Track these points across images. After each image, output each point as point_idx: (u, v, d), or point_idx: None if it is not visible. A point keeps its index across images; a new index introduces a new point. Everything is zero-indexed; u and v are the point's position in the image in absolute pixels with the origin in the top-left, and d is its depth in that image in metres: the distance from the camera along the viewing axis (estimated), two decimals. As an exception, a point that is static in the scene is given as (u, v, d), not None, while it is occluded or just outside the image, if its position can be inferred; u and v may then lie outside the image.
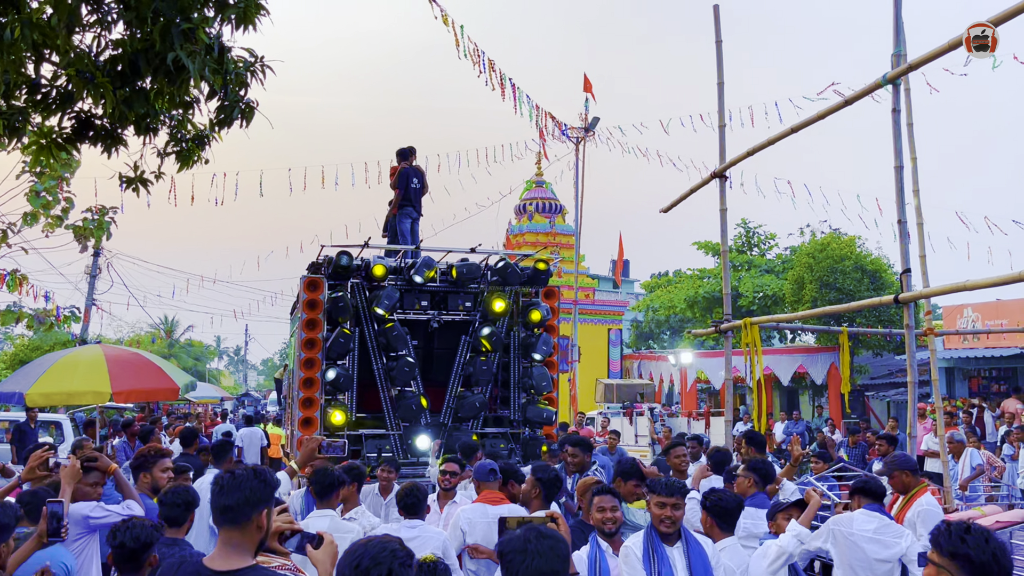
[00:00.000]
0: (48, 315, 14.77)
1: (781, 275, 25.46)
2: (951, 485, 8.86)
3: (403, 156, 11.18)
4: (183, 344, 49.88)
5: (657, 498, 3.97)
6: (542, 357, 9.74)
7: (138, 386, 9.05)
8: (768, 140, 7.75)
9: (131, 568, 3.45)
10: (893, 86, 6.25)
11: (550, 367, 9.89)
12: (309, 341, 9.11)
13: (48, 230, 12.05)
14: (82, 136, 6.50)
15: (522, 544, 2.47)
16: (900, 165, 6.22)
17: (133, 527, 3.49)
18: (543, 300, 10.10)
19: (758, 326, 8.04)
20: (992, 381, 19.70)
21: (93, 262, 25.71)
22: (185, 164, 6.85)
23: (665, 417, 19.06)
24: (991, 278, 5.18)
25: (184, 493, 4.36)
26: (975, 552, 2.31)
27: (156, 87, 5.81)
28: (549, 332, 9.95)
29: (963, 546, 2.33)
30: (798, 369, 21.87)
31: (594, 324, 25.95)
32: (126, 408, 21.11)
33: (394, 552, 2.25)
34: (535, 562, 2.42)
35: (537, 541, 2.48)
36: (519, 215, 27.59)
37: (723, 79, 8.81)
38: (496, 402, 10.33)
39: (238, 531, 2.52)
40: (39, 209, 11.72)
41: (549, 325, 9.98)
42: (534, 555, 2.43)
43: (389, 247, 10.53)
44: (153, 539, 3.50)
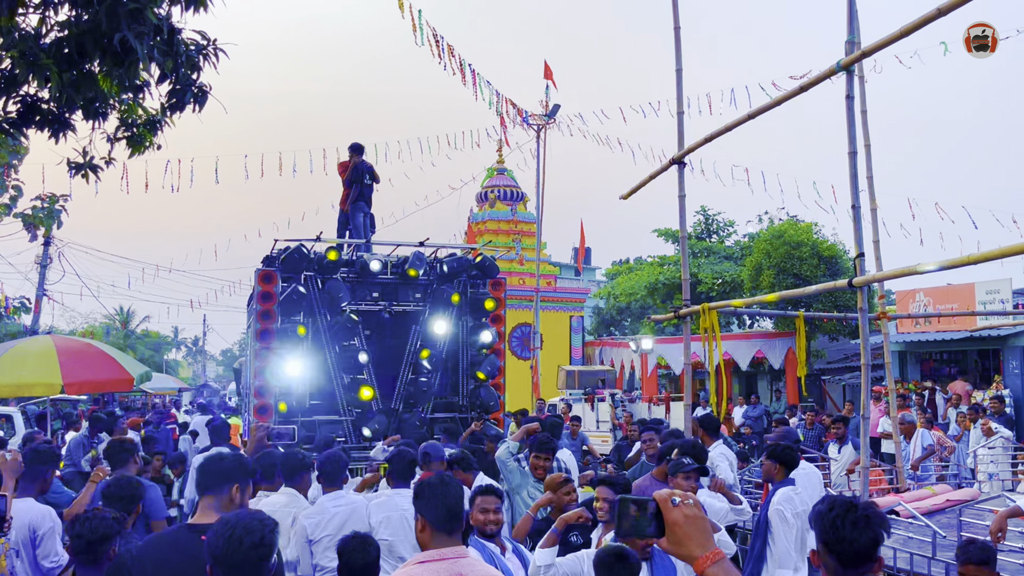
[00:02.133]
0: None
1: (739, 262, 25.77)
2: (903, 465, 9.09)
3: (356, 151, 11.47)
4: (139, 335, 48.99)
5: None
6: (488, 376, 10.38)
7: (90, 377, 8.85)
8: (726, 126, 7.81)
9: (89, 560, 3.39)
10: (847, 72, 6.33)
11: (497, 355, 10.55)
12: (264, 332, 9.46)
13: (-5, 218, 11.74)
14: (28, 121, 6.32)
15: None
16: (854, 151, 6.31)
17: (92, 519, 3.44)
18: (491, 291, 10.70)
19: (716, 311, 8.12)
20: (943, 364, 20.18)
21: (44, 251, 25.09)
22: (136, 150, 6.71)
23: (626, 403, 19.17)
24: (940, 261, 5.29)
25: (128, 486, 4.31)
26: (818, 521, 2.34)
27: (104, 70, 5.66)
28: (496, 322, 10.61)
29: (818, 519, 2.35)
30: (756, 354, 22.17)
31: (556, 311, 26.02)
32: (80, 400, 20.70)
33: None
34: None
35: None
36: (481, 203, 27.50)
37: (681, 65, 8.85)
38: (446, 389, 10.80)
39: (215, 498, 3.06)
40: (-16, 198, 11.41)
41: (496, 315, 10.62)
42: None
43: (340, 240, 10.85)
44: (113, 531, 3.44)
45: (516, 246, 25.87)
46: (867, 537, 2.26)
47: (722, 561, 1.72)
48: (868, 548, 2.27)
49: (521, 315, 24.48)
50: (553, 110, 21.44)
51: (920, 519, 6.42)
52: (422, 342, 10.33)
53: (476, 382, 10.53)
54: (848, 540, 2.25)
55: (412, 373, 10.25)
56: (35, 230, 13.34)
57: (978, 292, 16.83)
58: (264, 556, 2.42)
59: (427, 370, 10.19)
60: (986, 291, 16.68)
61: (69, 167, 6.91)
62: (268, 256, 9.99)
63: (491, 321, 10.62)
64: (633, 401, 20.34)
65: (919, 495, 8.04)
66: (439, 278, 10.38)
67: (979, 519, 6.41)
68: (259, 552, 2.40)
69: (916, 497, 7.87)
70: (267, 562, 2.44)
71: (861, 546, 2.25)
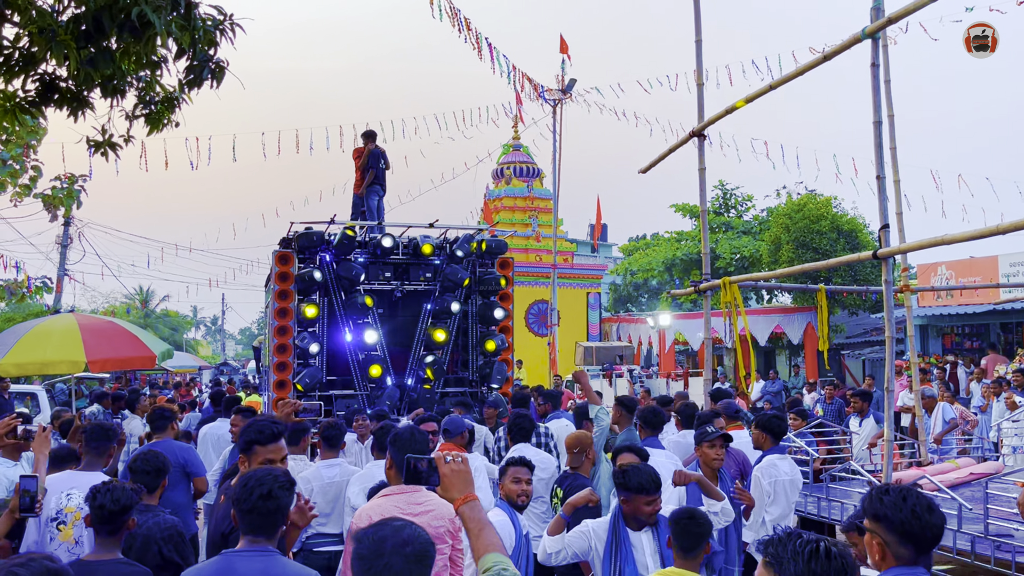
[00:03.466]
0: (20, 286, 14.52)
1: (758, 236, 25.56)
2: (925, 439, 9.03)
3: (370, 138, 11.96)
4: (159, 314, 49.41)
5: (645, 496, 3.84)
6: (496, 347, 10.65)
7: (113, 355, 8.93)
8: (746, 98, 7.70)
9: (109, 531, 3.42)
10: (872, 40, 6.20)
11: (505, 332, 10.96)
12: (281, 310, 9.81)
13: (16, 199, 11.79)
14: (47, 99, 6.31)
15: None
16: (879, 120, 6.19)
17: (113, 489, 3.47)
18: (499, 270, 11.02)
19: (737, 285, 8.05)
20: (965, 338, 20.00)
21: (64, 231, 25.29)
22: (155, 127, 6.70)
23: (644, 379, 19.16)
24: (968, 232, 5.19)
25: (154, 459, 4.34)
26: (892, 511, 2.37)
27: (122, 46, 5.64)
28: (504, 300, 10.99)
29: (881, 507, 2.40)
30: (775, 329, 22.06)
31: (573, 288, 25.96)
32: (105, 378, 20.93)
33: (276, 476, 2.80)
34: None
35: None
36: (497, 179, 27.39)
37: (701, 37, 8.71)
38: (456, 365, 11.21)
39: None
40: (6, 177, 11.45)
41: (504, 293, 10.99)
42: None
43: (353, 223, 11.07)
44: (132, 502, 3.47)
45: (532, 223, 25.78)
46: (940, 519, 2.39)
47: (473, 503, 2.36)
48: (941, 531, 2.38)
49: (538, 292, 24.46)
50: (569, 85, 21.24)
51: (945, 491, 6.38)
52: (433, 320, 10.63)
53: (485, 357, 10.84)
54: (930, 526, 2.35)
55: (424, 349, 10.60)
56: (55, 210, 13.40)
57: (1001, 264, 16.64)
58: (273, 508, 2.75)
59: (438, 346, 10.49)
60: (1010, 263, 16.49)
61: (89, 145, 6.92)
62: (285, 238, 10.33)
63: (499, 299, 10.95)
64: (651, 377, 20.33)
65: (943, 468, 7.99)
66: (449, 257, 10.69)
67: (1005, 491, 6.36)
68: (267, 504, 2.73)
69: (940, 471, 7.82)
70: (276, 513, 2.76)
71: (938, 529, 2.37)
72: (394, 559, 2.02)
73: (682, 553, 3.50)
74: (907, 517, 2.35)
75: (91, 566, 3.33)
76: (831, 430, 9.58)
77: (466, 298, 10.96)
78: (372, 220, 11.25)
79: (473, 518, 2.32)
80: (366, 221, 11.15)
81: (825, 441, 9.23)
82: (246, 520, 2.75)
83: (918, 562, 2.38)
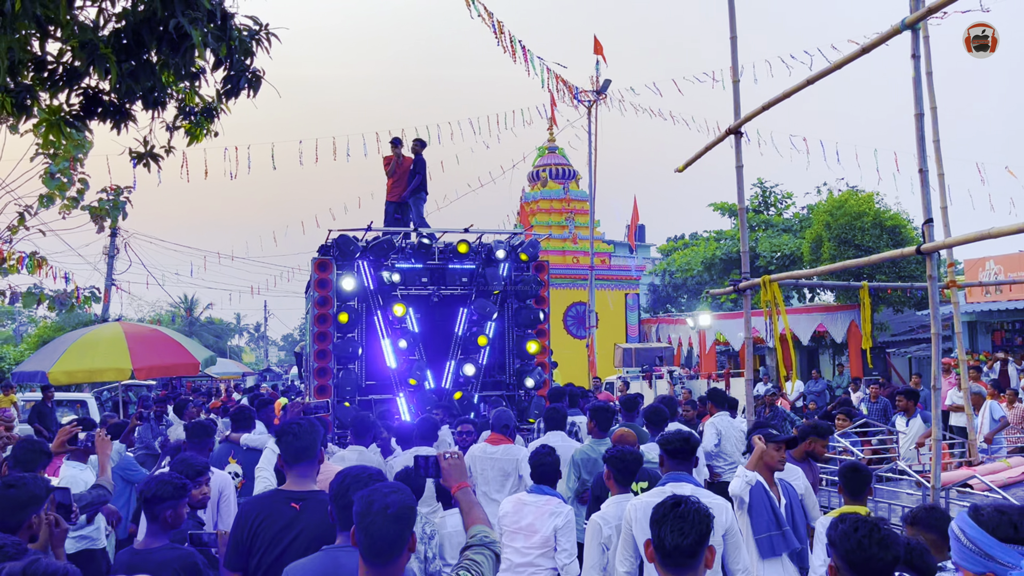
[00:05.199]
0: (69, 296, 14.87)
1: (798, 234, 25.20)
2: (975, 438, 8.79)
3: (421, 145, 12.07)
4: (203, 322, 50.23)
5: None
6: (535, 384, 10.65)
7: (158, 362, 9.10)
8: (784, 92, 7.56)
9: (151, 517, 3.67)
10: (912, 31, 6.06)
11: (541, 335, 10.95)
12: (321, 317, 9.94)
13: (64, 211, 12.07)
14: (91, 113, 6.46)
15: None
16: (920, 112, 6.04)
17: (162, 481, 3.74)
18: (534, 272, 10.99)
19: (778, 284, 7.92)
20: (1016, 334, 19.47)
21: (111, 242, 25.85)
22: (195, 138, 6.83)
23: (685, 380, 18.98)
24: (1015, 224, 5.04)
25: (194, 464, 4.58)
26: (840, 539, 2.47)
27: (162, 59, 5.75)
28: (540, 303, 10.97)
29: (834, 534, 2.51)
30: (818, 328, 21.71)
31: (611, 289, 25.85)
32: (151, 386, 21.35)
33: (371, 475, 3.01)
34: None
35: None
36: (532, 182, 27.38)
37: (736, 33, 8.59)
38: (493, 368, 11.22)
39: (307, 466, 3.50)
40: (55, 191, 11.73)
41: (540, 296, 10.98)
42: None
43: (387, 228, 11.21)
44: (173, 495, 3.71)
45: (569, 225, 25.72)
46: (892, 555, 2.42)
47: (465, 488, 2.94)
48: (891, 566, 2.42)
49: (575, 294, 24.39)
50: (604, 85, 21.16)
51: (997, 491, 6.20)
52: (469, 324, 10.69)
53: (522, 361, 10.87)
54: (876, 558, 2.40)
55: (461, 353, 10.66)
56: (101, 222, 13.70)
57: (1052, 258, 16.18)
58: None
59: (476, 349, 10.58)
60: (1061, 257, 16.03)
61: (131, 157, 7.05)
62: (323, 245, 10.42)
63: (535, 302, 10.94)
64: (692, 378, 20.14)
65: (993, 468, 7.77)
66: (485, 262, 10.74)
67: (1059, 491, 6.17)
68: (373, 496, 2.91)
69: (990, 470, 7.60)
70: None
71: (887, 564, 2.41)
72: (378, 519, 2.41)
73: (851, 497, 4.46)
74: (852, 547, 2.43)
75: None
76: (876, 429, 9.39)
77: (502, 302, 10.98)
78: (423, 226, 11.33)
79: (465, 500, 2.91)
80: (400, 228, 11.22)
81: (869, 441, 9.05)
82: (344, 516, 2.86)
83: None
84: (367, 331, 10.44)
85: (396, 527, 2.43)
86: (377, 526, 2.41)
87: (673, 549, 2.42)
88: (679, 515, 2.47)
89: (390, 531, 2.42)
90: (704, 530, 2.45)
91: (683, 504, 2.51)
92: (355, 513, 2.47)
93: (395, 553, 2.43)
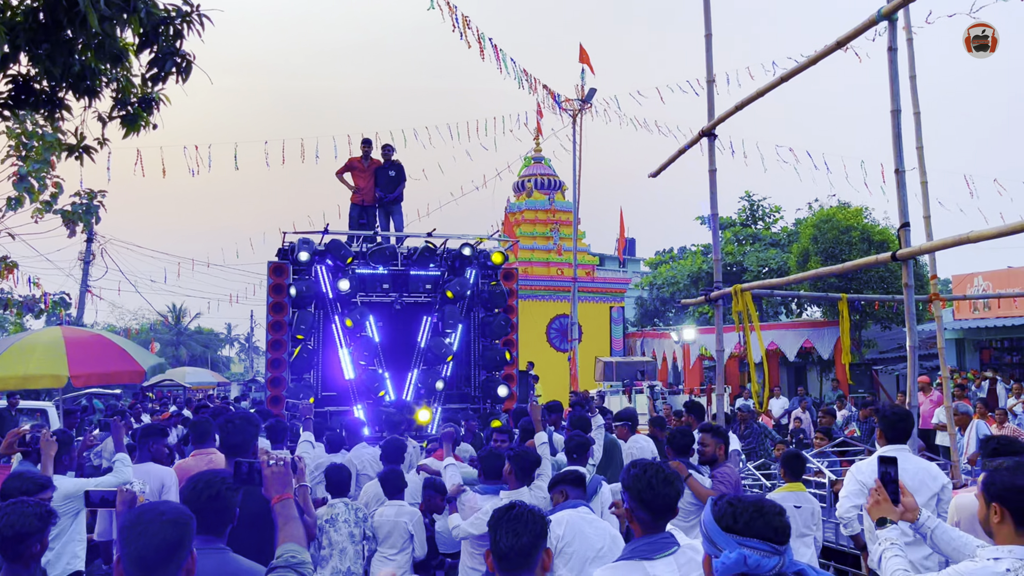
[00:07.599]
0: (36, 302, 14.37)
1: (786, 248, 24.85)
2: (958, 459, 8.38)
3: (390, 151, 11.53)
4: (191, 331, 49.65)
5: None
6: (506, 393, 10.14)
7: (98, 369, 8.61)
8: (758, 91, 7.19)
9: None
10: (889, 22, 5.69)
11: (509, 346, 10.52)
12: (276, 323, 9.55)
13: (37, 215, 11.62)
14: (21, 101, 6.14)
15: None
16: (897, 109, 5.66)
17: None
18: (502, 281, 10.56)
19: (750, 293, 7.51)
20: (1004, 352, 19.10)
21: (87, 248, 25.36)
22: (131, 129, 6.46)
23: (666, 395, 18.54)
24: (995, 228, 4.65)
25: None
26: (632, 482, 2.76)
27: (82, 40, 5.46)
28: (509, 313, 10.53)
29: (627, 478, 2.80)
30: (804, 344, 21.32)
31: (596, 302, 25.39)
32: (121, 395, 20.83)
33: (224, 479, 2.96)
34: None
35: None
36: (518, 192, 26.98)
37: (711, 31, 8.24)
38: (458, 379, 10.76)
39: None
40: (23, 193, 11.27)
41: (508, 306, 10.58)
42: None
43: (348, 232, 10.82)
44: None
45: (554, 236, 25.31)
46: (675, 490, 2.74)
47: (286, 500, 2.76)
48: (675, 499, 2.74)
49: (559, 306, 23.94)
50: (589, 94, 20.85)
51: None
52: (433, 334, 10.22)
53: (487, 373, 10.39)
54: (663, 494, 2.70)
55: (424, 364, 10.15)
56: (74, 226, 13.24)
57: (1042, 274, 15.84)
58: (221, 507, 2.98)
59: (439, 360, 10.07)
60: (1051, 273, 15.68)
61: (61, 149, 6.70)
62: (281, 249, 10.06)
63: (503, 311, 10.47)
64: (675, 392, 19.70)
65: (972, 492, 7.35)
66: (449, 269, 10.31)
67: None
68: (215, 503, 2.98)
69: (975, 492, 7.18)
70: (225, 512, 2.97)
71: (671, 499, 2.72)
72: (151, 525, 2.22)
73: (791, 478, 5.58)
74: (643, 487, 2.71)
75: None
76: (857, 449, 8.98)
77: (468, 310, 10.50)
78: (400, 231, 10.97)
79: (283, 514, 2.73)
80: (362, 231, 10.79)
81: (851, 461, 8.63)
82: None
83: (658, 528, 2.73)
84: (324, 339, 9.98)
85: (173, 531, 2.27)
86: (150, 532, 2.25)
87: (508, 550, 2.39)
88: (513, 517, 2.47)
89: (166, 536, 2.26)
90: (538, 531, 2.44)
91: (516, 507, 2.53)
92: (121, 528, 2.30)
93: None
